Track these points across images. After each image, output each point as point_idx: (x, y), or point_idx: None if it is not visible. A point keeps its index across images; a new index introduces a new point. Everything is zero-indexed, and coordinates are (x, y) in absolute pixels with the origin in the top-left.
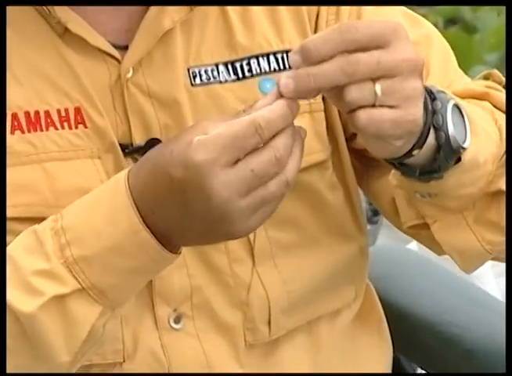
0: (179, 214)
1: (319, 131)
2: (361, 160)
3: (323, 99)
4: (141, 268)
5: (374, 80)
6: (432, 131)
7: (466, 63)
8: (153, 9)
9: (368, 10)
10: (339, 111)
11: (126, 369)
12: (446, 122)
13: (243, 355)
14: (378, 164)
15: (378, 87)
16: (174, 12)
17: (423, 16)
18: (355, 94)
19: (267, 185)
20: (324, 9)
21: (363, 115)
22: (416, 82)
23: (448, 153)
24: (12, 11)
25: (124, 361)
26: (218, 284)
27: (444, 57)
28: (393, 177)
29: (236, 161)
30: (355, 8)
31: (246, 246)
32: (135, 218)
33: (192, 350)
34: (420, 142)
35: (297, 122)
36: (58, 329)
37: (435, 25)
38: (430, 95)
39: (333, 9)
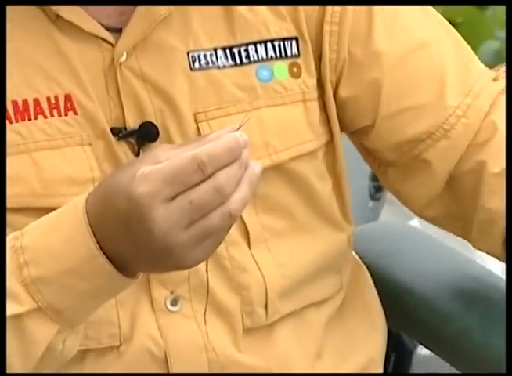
0: (127, 244)
1: (311, 120)
2: (374, 159)
3: (319, 87)
4: (98, 291)
5: None
6: None
7: (477, 37)
8: None
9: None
10: (335, 101)
11: (123, 352)
12: None
13: (241, 338)
14: (397, 167)
15: None
16: None
17: None
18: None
19: (208, 216)
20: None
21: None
22: None
23: None
24: None
25: (120, 345)
26: (216, 267)
27: (459, 58)
28: None
29: (177, 195)
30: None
31: (242, 230)
32: (92, 244)
33: (189, 332)
34: None
35: (290, 111)
36: (14, 346)
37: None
38: None
39: (337, 9)
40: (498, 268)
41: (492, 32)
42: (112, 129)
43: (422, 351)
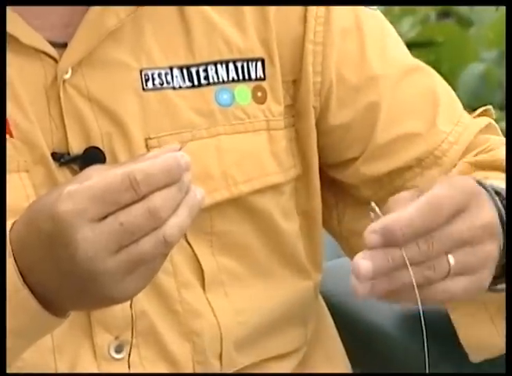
0: (51, 271)
1: (276, 151)
2: (335, 194)
3: (293, 115)
4: (23, 330)
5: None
6: None
7: (460, 59)
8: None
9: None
10: (319, 130)
11: None
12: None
13: None
14: (359, 203)
15: (451, 258)
16: (121, 8)
17: (414, 8)
18: (427, 272)
19: (140, 242)
20: (311, 18)
21: (435, 292)
22: (491, 245)
23: None
24: None
25: None
26: (165, 310)
27: (445, 85)
28: None
29: (107, 216)
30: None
31: (197, 270)
32: (15, 276)
33: None
34: (501, 277)
35: (252, 140)
36: None
37: (427, 18)
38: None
39: (319, 28)
40: None
41: (477, 53)
42: (53, 154)
43: None
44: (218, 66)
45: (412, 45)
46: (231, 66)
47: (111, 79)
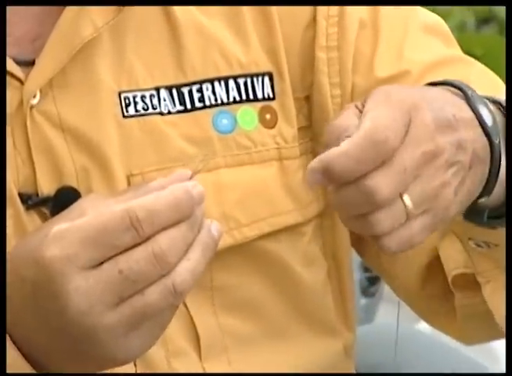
0: (37, 328)
1: (291, 184)
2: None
3: (311, 138)
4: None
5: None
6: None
7: (502, 70)
8: (70, 10)
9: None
10: None
11: None
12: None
13: None
14: None
15: (407, 199)
16: (97, 15)
17: (449, 12)
18: (385, 222)
19: (144, 292)
20: (321, 19)
21: (392, 242)
22: (444, 175)
23: None
24: None
25: None
26: None
27: (486, 76)
28: None
29: (104, 261)
30: (368, 17)
31: (191, 333)
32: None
33: None
34: (489, 188)
35: (260, 173)
36: None
37: (463, 26)
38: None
39: (333, 20)
40: None
41: None
42: (20, 194)
43: None
44: (216, 84)
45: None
46: (231, 83)
47: (86, 103)
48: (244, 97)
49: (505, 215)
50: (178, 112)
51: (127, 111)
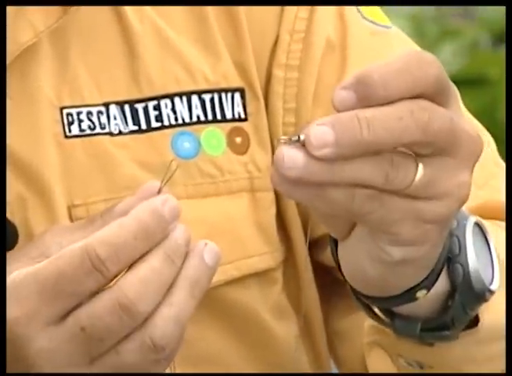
0: None
1: (262, 222)
2: (323, 283)
3: None
4: None
5: (418, 155)
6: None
7: None
8: (7, 12)
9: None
10: None
11: None
12: (465, 249)
13: None
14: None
15: (420, 169)
16: (38, 17)
17: (462, 28)
18: (389, 169)
19: (119, 350)
20: (284, 33)
21: (388, 209)
22: (467, 175)
23: (468, 299)
24: None
25: None
26: None
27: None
28: (369, 330)
29: (69, 312)
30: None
31: None
32: None
33: None
34: (431, 279)
35: (227, 206)
36: None
37: (476, 44)
38: None
39: (298, 36)
40: None
41: None
42: None
43: None
44: (176, 100)
45: (456, 82)
46: (195, 100)
47: (21, 121)
48: (210, 117)
49: (444, 327)
50: (131, 132)
51: (69, 130)
